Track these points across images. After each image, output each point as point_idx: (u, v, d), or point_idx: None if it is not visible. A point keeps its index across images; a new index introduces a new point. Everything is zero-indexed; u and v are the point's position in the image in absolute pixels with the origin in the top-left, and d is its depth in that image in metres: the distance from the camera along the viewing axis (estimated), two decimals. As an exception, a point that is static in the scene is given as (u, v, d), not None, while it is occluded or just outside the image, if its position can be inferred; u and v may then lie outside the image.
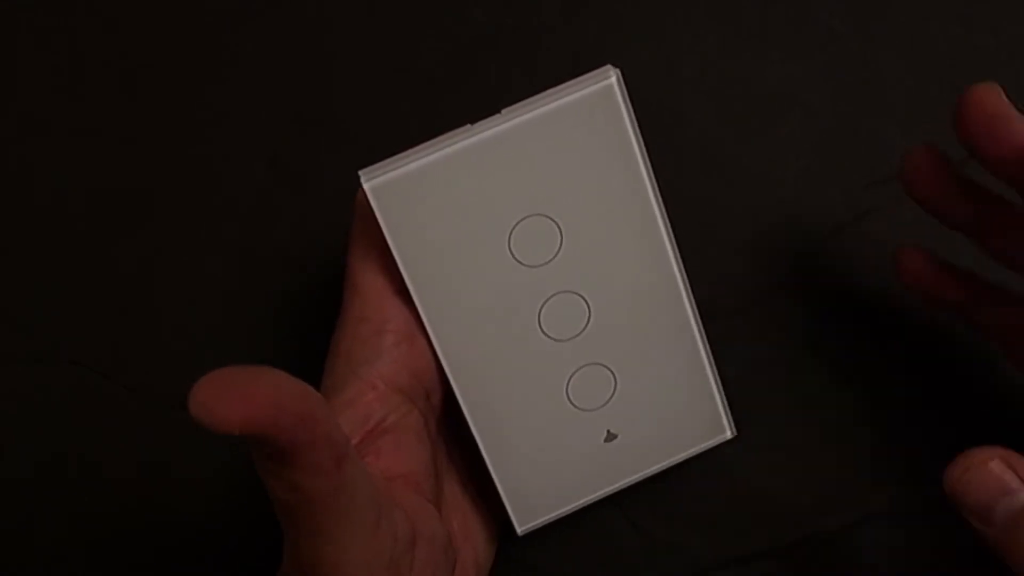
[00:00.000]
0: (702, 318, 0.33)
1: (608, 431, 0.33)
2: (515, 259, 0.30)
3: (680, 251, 0.32)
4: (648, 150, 0.30)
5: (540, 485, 0.33)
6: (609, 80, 0.29)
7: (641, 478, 0.34)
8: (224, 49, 0.39)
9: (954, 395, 0.38)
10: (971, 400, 0.38)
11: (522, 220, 0.30)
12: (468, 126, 0.29)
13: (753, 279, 0.38)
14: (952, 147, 0.38)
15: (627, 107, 0.29)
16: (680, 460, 0.34)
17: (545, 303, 0.31)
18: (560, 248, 0.31)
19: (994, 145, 0.28)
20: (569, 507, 0.34)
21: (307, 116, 0.39)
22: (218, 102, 0.39)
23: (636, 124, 0.30)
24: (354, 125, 0.38)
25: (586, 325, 0.32)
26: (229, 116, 0.39)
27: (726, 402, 0.34)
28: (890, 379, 0.38)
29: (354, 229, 0.31)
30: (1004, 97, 0.28)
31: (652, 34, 0.38)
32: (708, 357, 0.33)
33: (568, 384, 0.32)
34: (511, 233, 0.30)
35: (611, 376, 0.32)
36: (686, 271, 0.32)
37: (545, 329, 0.31)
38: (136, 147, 0.39)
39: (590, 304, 0.32)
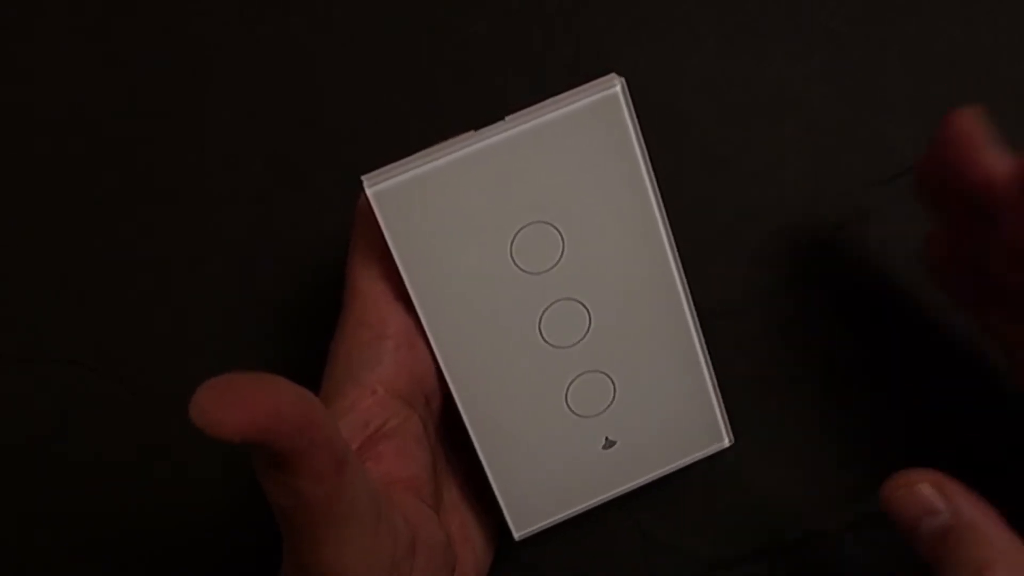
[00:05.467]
0: (701, 319, 0.33)
1: (606, 438, 0.33)
2: (516, 266, 0.30)
3: (679, 252, 0.32)
4: (648, 151, 0.30)
5: (538, 491, 0.33)
6: (614, 89, 0.29)
7: (638, 485, 0.34)
8: (224, 48, 0.39)
9: (954, 396, 0.38)
10: (972, 401, 0.38)
11: (524, 227, 0.30)
12: (471, 132, 0.29)
13: (753, 280, 0.38)
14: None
15: (631, 116, 0.29)
16: (678, 468, 0.34)
17: (546, 310, 0.31)
18: (561, 255, 0.31)
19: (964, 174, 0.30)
20: (566, 513, 0.34)
21: (306, 117, 0.39)
22: (218, 101, 0.39)
23: (640, 133, 0.30)
24: (354, 126, 0.38)
25: (586, 332, 0.32)
26: (228, 117, 0.39)
27: (724, 410, 0.34)
28: (890, 379, 0.38)
29: (355, 233, 0.31)
30: (978, 125, 0.30)
31: (652, 34, 0.38)
32: (707, 365, 0.33)
33: (567, 391, 0.32)
34: (513, 240, 0.30)
35: (610, 383, 0.33)
36: (685, 274, 0.32)
37: (545, 336, 0.31)
38: (135, 147, 0.39)
39: (590, 311, 0.32)
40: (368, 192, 0.29)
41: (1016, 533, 0.30)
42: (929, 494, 0.31)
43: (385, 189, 0.29)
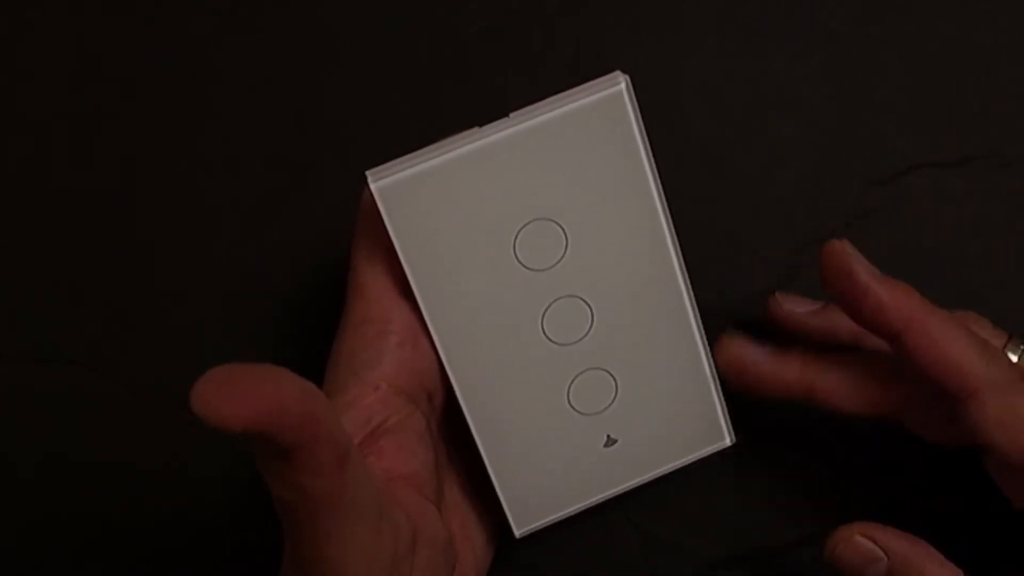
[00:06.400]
0: (702, 318, 0.33)
1: (608, 436, 0.33)
2: (519, 263, 0.30)
3: (679, 251, 0.32)
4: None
5: (539, 488, 0.33)
6: (619, 86, 0.29)
7: (640, 483, 0.34)
8: (224, 48, 0.39)
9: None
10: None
11: (527, 224, 0.30)
12: (476, 129, 0.29)
13: (753, 279, 0.38)
14: (951, 147, 0.38)
15: (636, 114, 0.29)
16: (679, 466, 0.34)
17: (548, 307, 0.31)
18: (565, 253, 0.31)
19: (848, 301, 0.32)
20: (567, 511, 0.34)
21: (307, 116, 0.39)
22: (218, 101, 0.39)
23: (644, 131, 0.30)
24: (354, 125, 0.38)
25: (589, 330, 0.32)
26: (229, 115, 0.39)
27: (726, 409, 0.34)
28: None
29: (358, 230, 0.31)
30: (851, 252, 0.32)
31: (652, 34, 0.38)
32: (709, 364, 0.33)
33: (569, 388, 0.32)
34: (516, 237, 0.30)
35: (612, 381, 0.33)
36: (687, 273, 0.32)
37: (548, 333, 0.31)
38: (135, 146, 0.39)
39: (593, 309, 0.31)
40: (372, 187, 0.29)
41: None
42: (865, 544, 0.33)
43: (389, 184, 0.29)
